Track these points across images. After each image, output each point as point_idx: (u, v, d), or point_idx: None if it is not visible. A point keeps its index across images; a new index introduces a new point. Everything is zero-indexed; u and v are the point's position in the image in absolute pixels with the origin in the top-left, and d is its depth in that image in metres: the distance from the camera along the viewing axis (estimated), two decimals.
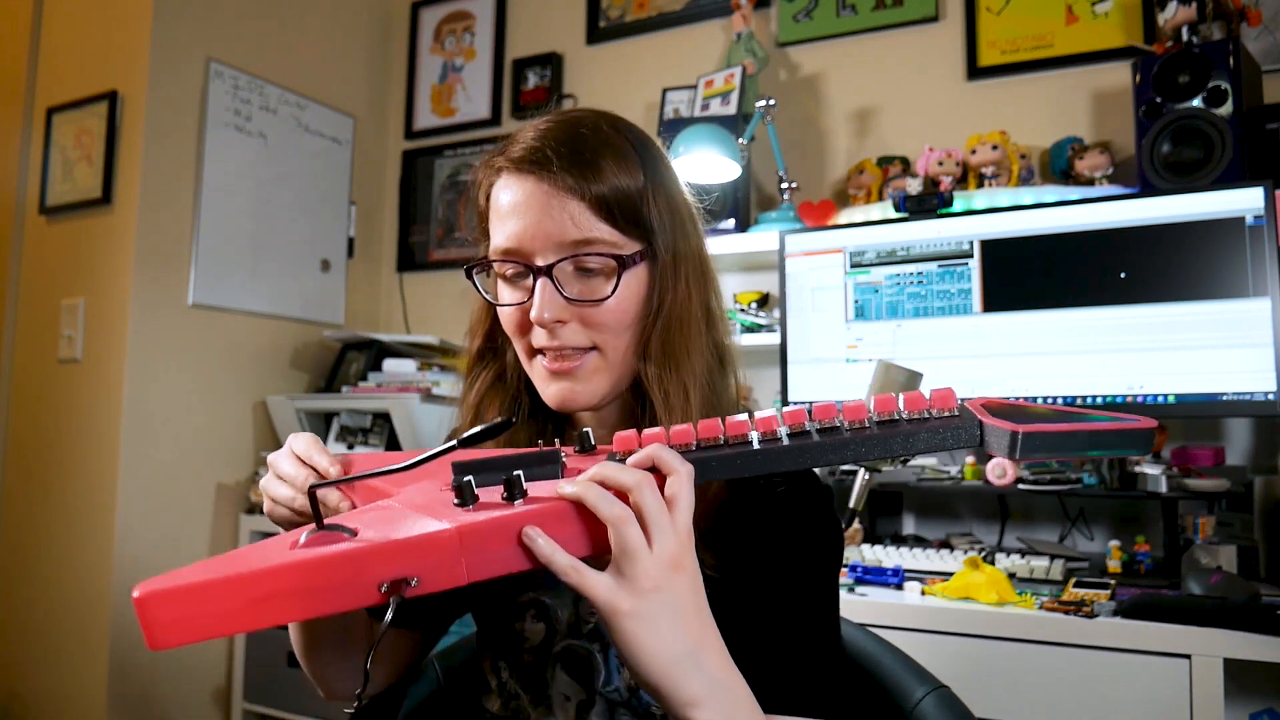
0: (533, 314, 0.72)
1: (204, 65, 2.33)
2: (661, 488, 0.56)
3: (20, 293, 2.41)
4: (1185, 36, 1.70)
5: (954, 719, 0.87)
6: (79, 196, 2.27)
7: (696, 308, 0.76)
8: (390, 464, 0.59)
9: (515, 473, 0.54)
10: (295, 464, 0.69)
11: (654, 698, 0.56)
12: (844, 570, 1.50)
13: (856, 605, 1.41)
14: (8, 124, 2.47)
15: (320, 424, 2.43)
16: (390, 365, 2.35)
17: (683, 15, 2.47)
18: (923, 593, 1.43)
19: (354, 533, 0.51)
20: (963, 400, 0.59)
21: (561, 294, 0.72)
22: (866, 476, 1.41)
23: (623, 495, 0.55)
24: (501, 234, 0.74)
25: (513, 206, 0.73)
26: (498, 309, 0.77)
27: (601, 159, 0.72)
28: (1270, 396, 1.46)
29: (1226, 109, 1.61)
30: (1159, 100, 1.67)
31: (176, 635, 0.46)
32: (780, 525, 0.73)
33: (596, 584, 0.53)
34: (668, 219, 0.75)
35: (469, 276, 0.78)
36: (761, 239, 1.97)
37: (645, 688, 0.55)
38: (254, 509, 2.34)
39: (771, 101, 2.04)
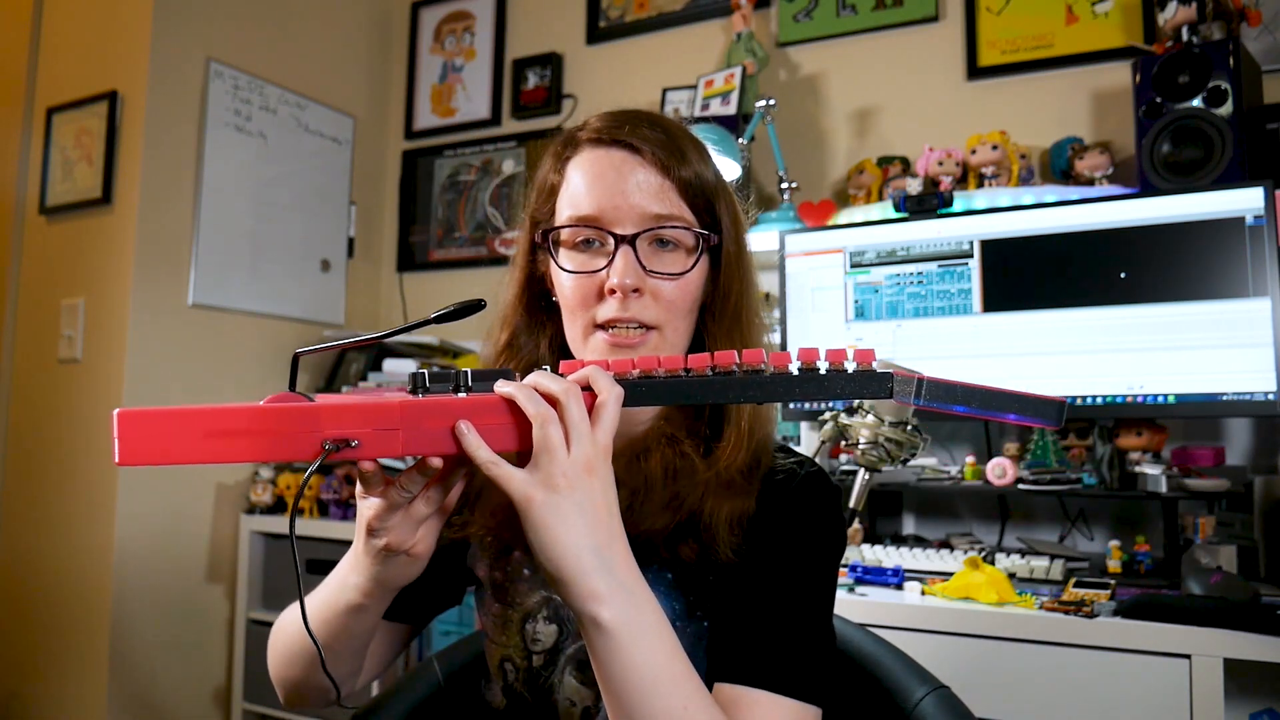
0: (613, 279, 0.73)
1: (204, 65, 2.33)
2: (594, 406, 0.61)
3: (20, 293, 2.41)
4: (1185, 36, 1.70)
5: (954, 719, 0.87)
6: (79, 196, 2.27)
7: (746, 301, 0.79)
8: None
9: (464, 370, 0.60)
10: None
11: (559, 592, 0.59)
12: (844, 570, 1.50)
13: (856, 605, 1.41)
14: (8, 124, 2.47)
15: None
16: (390, 365, 2.35)
17: (683, 15, 2.47)
18: (923, 593, 1.43)
19: (312, 398, 0.58)
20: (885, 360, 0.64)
21: (641, 265, 0.74)
22: (866, 476, 1.41)
23: (552, 401, 0.59)
24: (583, 202, 0.75)
25: (597, 176, 0.75)
26: (563, 279, 0.77)
27: (685, 146, 0.76)
28: (1270, 396, 1.47)
29: (1226, 109, 1.61)
30: (1159, 100, 1.67)
31: (142, 454, 0.52)
32: (788, 515, 0.75)
33: (513, 476, 0.58)
34: (731, 216, 0.79)
35: (544, 244, 0.78)
36: (761, 239, 1.97)
37: (551, 580, 0.59)
38: (254, 509, 2.34)
39: (771, 101, 2.04)
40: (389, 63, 2.93)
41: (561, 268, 0.77)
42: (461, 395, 0.59)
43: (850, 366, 0.62)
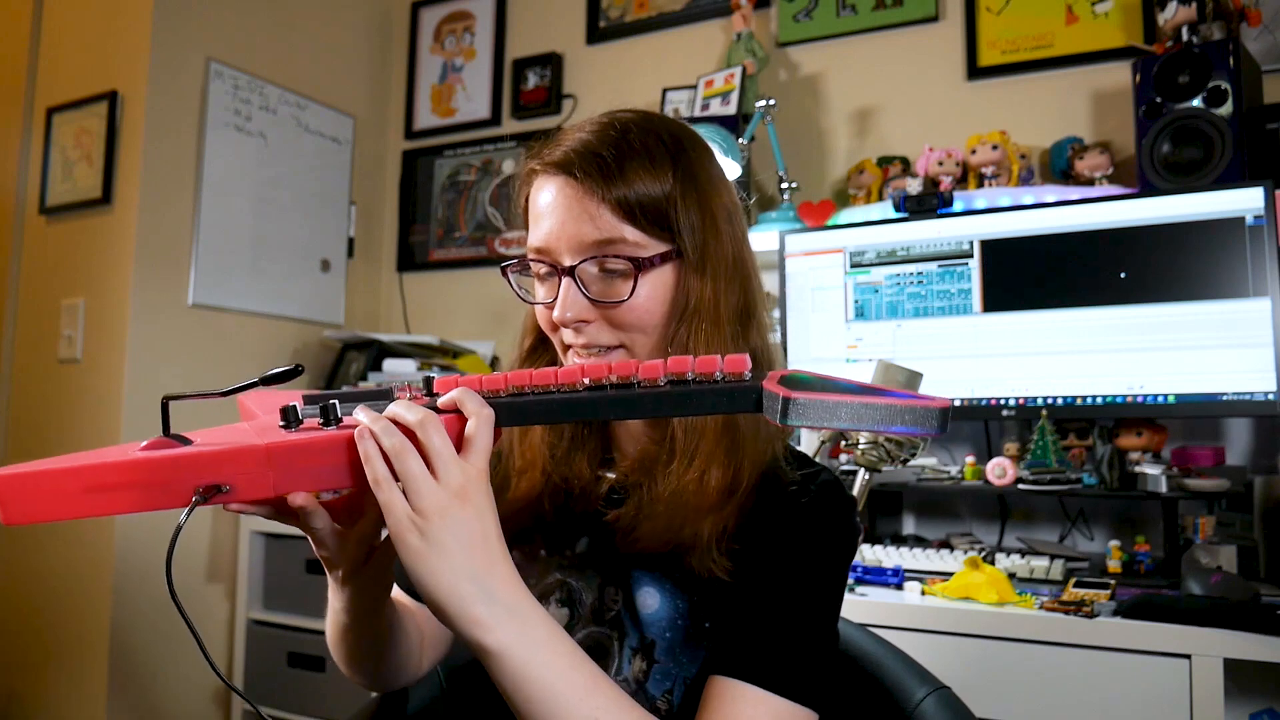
0: (555, 313, 0.75)
1: (204, 65, 2.33)
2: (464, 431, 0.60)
3: (20, 293, 2.41)
4: (1185, 36, 1.70)
5: (954, 719, 0.87)
6: (79, 196, 2.27)
7: (726, 309, 0.76)
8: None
9: (331, 400, 0.60)
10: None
11: (443, 620, 0.59)
12: None
13: (856, 605, 1.41)
14: (8, 124, 2.47)
15: None
16: (390, 365, 2.35)
17: (683, 15, 2.47)
18: (923, 593, 1.43)
19: (189, 443, 0.58)
20: (751, 371, 0.61)
21: (585, 294, 0.74)
22: (866, 477, 1.41)
23: (410, 433, 0.59)
24: (534, 234, 0.77)
25: (544, 207, 0.76)
26: (535, 307, 0.81)
27: (627, 162, 0.73)
28: (1270, 396, 1.47)
29: (1226, 109, 1.61)
30: (1159, 100, 1.67)
31: (25, 514, 0.52)
32: (800, 522, 0.75)
33: (395, 502, 0.57)
34: (697, 219, 0.75)
35: (504, 275, 0.81)
36: (761, 239, 1.97)
37: (433, 609, 0.59)
38: None
39: (771, 101, 2.04)
40: (389, 63, 2.93)
41: (523, 297, 0.81)
42: (331, 430, 0.59)
43: (734, 372, 0.60)
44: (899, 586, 1.48)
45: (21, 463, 0.54)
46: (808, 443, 1.87)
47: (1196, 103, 1.64)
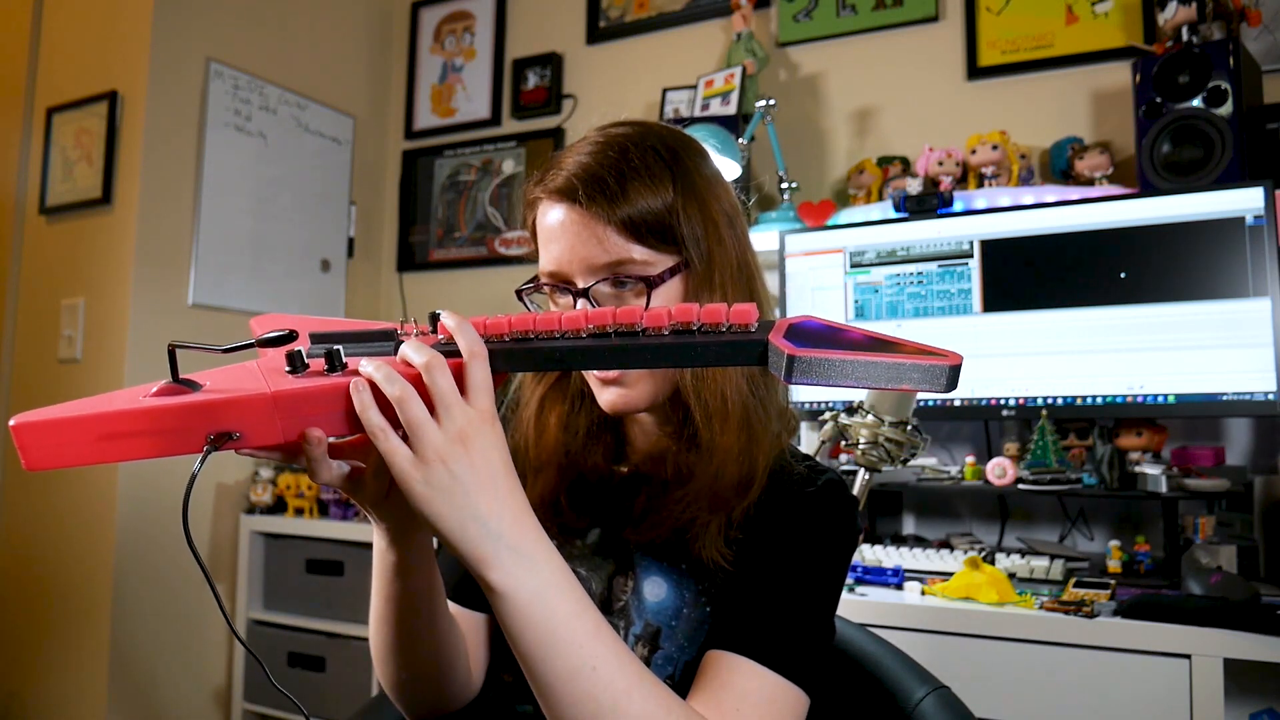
0: None
1: (204, 65, 2.33)
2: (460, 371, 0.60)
3: (20, 293, 2.41)
4: (1185, 36, 1.70)
5: (954, 719, 0.87)
6: (79, 196, 2.27)
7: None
8: (319, 330, 0.65)
9: (335, 347, 0.60)
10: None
11: (456, 557, 0.60)
12: None
13: (856, 605, 1.41)
14: (8, 124, 2.47)
15: None
16: None
17: (683, 15, 2.47)
18: (923, 593, 1.43)
19: (200, 387, 0.57)
20: (765, 320, 0.60)
21: None
22: (867, 477, 1.41)
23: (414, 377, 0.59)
24: (545, 258, 0.78)
25: (550, 232, 0.77)
26: None
27: (628, 182, 0.75)
28: (1270, 396, 1.47)
29: (1226, 109, 1.61)
30: (1159, 100, 1.67)
31: (44, 459, 0.53)
32: (803, 513, 0.76)
33: (396, 449, 0.58)
34: (700, 229, 0.77)
35: (520, 299, 0.82)
36: (761, 239, 1.97)
37: (446, 547, 0.59)
38: (254, 509, 2.34)
39: (771, 101, 2.04)
40: (389, 63, 2.93)
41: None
42: (336, 376, 0.59)
43: (742, 323, 0.58)
44: (899, 586, 1.48)
45: (44, 408, 0.54)
46: (808, 444, 1.87)
47: (1196, 103, 1.64)
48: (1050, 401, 1.63)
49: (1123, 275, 1.58)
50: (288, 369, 0.59)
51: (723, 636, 0.70)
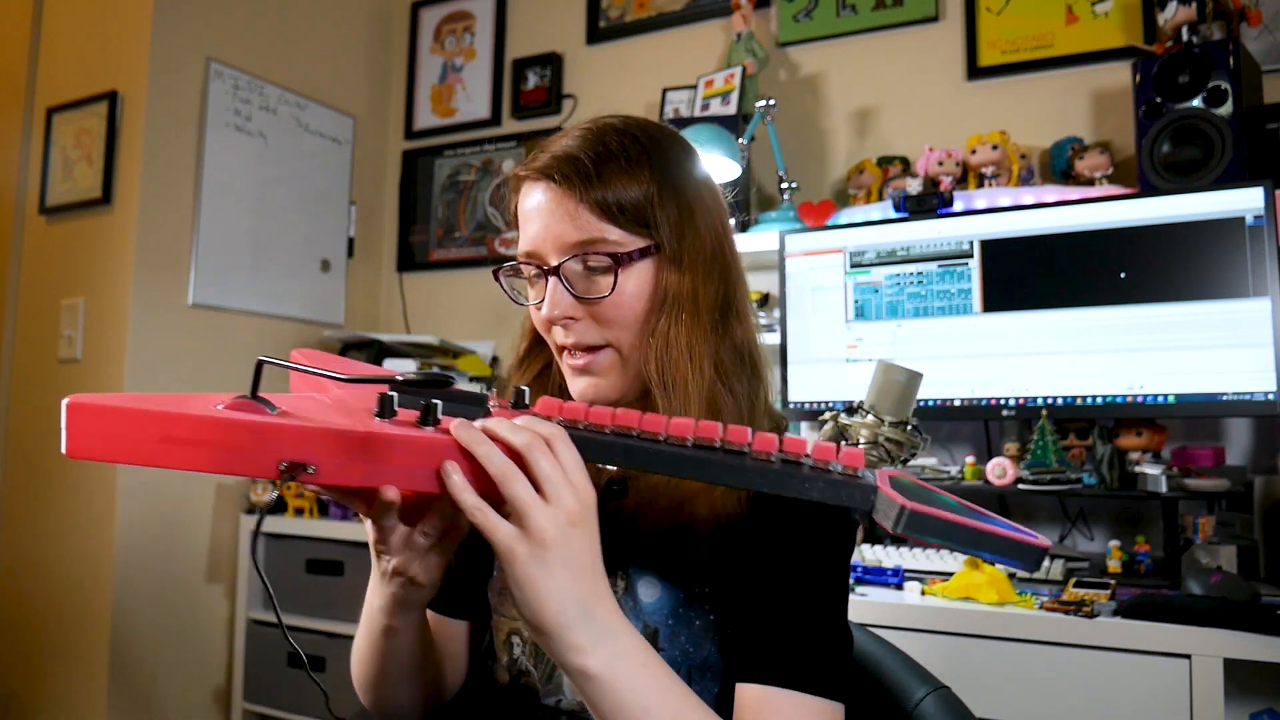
0: (543, 311, 0.77)
1: (204, 65, 2.33)
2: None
3: (20, 293, 2.41)
4: (1185, 36, 1.70)
5: (954, 719, 0.87)
6: (79, 196, 2.27)
7: (705, 300, 0.77)
8: (347, 373, 0.63)
9: (434, 400, 0.58)
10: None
11: (541, 643, 0.60)
12: None
13: (856, 605, 1.41)
14: (8, 124, 2.47)
15: None
16: (390, 365, 2.35)
17: (683, 15, 2.47)
18: (923, 593, 1.43)
19: (276, 409, 0.54)
20: (871, 470, 0.60)
21: (570, 291, 0.76)
22: None
23: (516, 455, 0.58)
24: (523, 239, 0.79)
25: (528, 212, 0.79)
26: (530, 309, 0.82)
27: (604, 165, 0.76)
28: (1270, 396, 1.47)
29: (1226, 109, 1.61)
30: (1159, 100, 1.67)
31: (91, 449, 0.49)
32: (801, 522, 0.75)
33: (498, 526, 0.57)
34: (675, 215, 0.77)
35: (496, 279, 0.83)
36: (761, 239, 1.97)
37: (533, 631, 0.59)
38: (254, 509, 2.34)
39: (771, 101, 2.04)
40: (389, 63, 2.93)
41: (515, 299, 0.83)
42: (429, 431, 0.57)
43: (852, 466, 0.58)
44: (899, 586, 1.48)
45: (94, 393, 0.51)
46: None
47: (1196, 103, 1.64)
48: (1050, 401, 1.63)
49: (1123, 275, 1.58)
50: (376, 412, 0.57)
51: (751, 669, 0.70)
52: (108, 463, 0.50)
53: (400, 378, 0.61)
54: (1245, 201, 1.50)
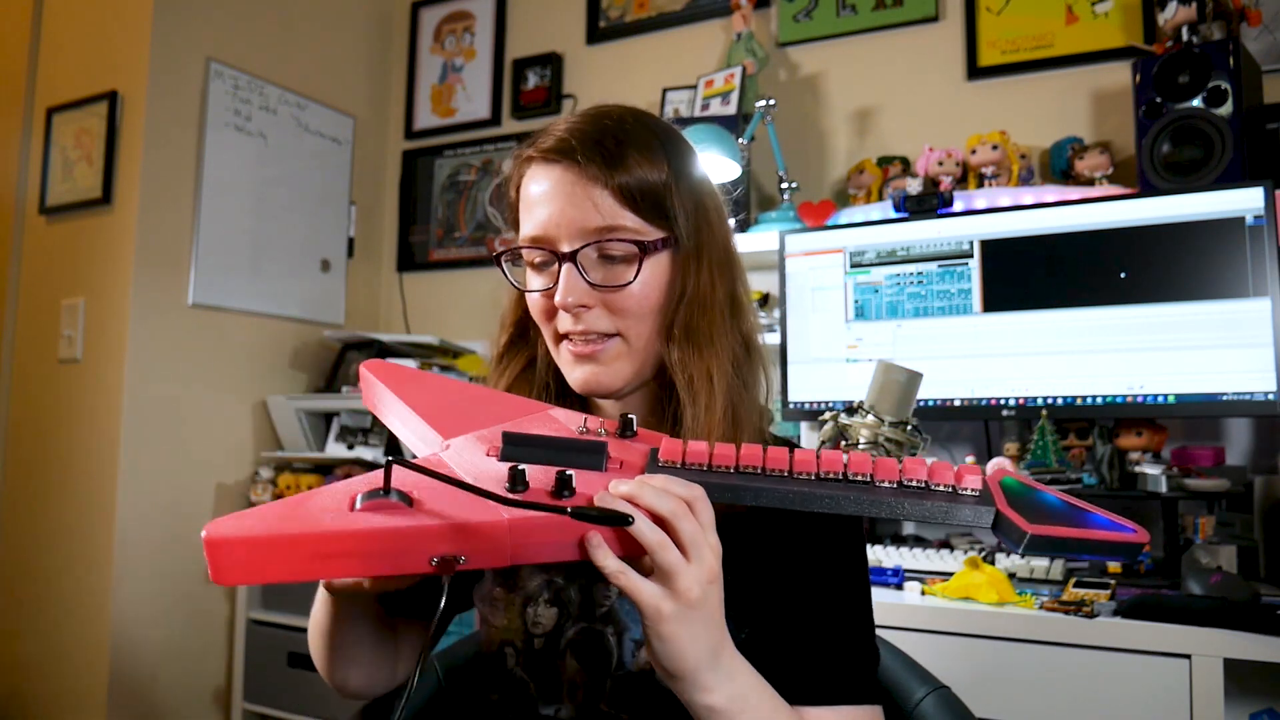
0: (557, 298, 0.75)
1: (204, 65, 2.33)
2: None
3: (20, 293, 2.41)
4: (1185, 36, 1.70)
5: (954, 719, 0.87)
6: (79, 196, 2.27)
7: (721, 296, 0.77)
8: (426, 385, 0.67)
9: (569, 472, 0.59)
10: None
11: (670, 684, 0.61)
12: None
13: None
14: (8, 124, 2.47)
15: (320, 424, 2.43)
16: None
17: (683, 15, 2.47)
18: (923, 593, 1.43)
19: (410, 500, 0.55)
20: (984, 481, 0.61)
21: (585, 279, 0.74)
22: None
23: (662, 520, 0.58)
24: (530, 222, 0.77)
25: (540, 195, 0.76)
26: (527, 296, 0.80)
27: (626, 150, 0.74)
28: (1270, 396, 1.46)
29: (1226, 109, 1.61)
30: (1159, 100, 1.67)
31: (240, 576, 0.51)
32: (812, 528, 0.75)
33: (643, 588, 0.58)
34: (690, 209, 0.77)
35: (498, 264, 0.80)
36: (761, 239, 1.97)
37: (665, 676, 0.61)
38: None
39: (771, 101, 2.04)
40: (389, 63, 2.93)
41: (517, 286, 0.81)
42: (565, 502, 0.57)
43: (972, 487, 0.60)
44: (899, 586, 1.48)
45: (225, 517, 0.51)
46: (808, 444, 1.87)
47: (1196, 103, 1.64)
48: (1050, 401, 1.63)
49: (1123, 275, 1.58)
50: (507, 486, 0.58)
51: (791, 689, 0.69)
52: (257, 584, 0.50)
53: (516, 433, 0.62)
54: (1245, 201, 1.50)
